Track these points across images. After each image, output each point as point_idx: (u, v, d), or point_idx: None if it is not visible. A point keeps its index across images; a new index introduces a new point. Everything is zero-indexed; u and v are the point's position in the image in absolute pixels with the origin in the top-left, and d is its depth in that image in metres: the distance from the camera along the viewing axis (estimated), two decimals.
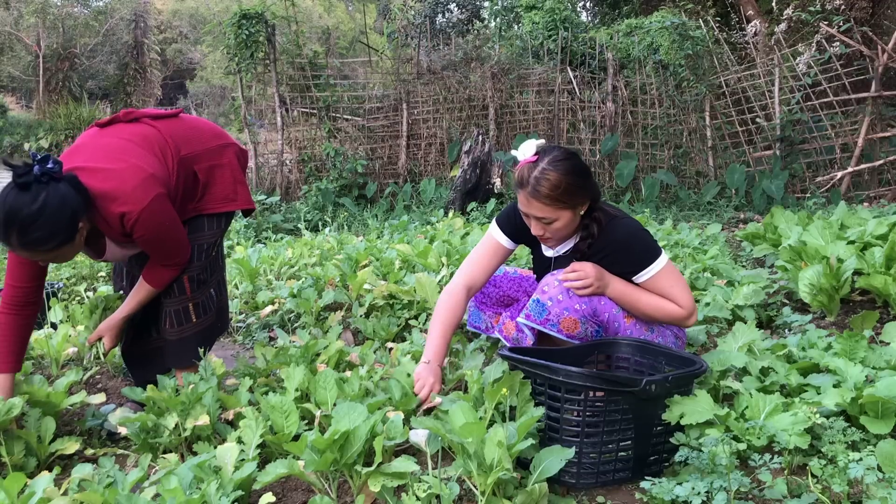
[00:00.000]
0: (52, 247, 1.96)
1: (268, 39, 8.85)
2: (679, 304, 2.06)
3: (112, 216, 2.04)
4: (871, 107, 7.39)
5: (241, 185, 2.44)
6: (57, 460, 2.10)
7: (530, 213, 2.05)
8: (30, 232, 1.89)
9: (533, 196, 2.00)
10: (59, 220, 1.92)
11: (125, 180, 2.04)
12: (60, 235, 1.94)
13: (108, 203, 2.03)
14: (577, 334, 2.05)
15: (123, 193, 2.03)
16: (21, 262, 2.11)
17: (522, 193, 2.04)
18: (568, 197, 2.00)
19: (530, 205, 2.03)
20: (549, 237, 2.10)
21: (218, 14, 23.49)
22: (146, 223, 2.07)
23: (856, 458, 1.49)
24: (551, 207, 2.01)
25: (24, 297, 2.14)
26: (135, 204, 2.04)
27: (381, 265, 3.89)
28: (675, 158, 8.69)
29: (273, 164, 9.21)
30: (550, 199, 1.99)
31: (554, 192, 1.98)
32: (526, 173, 2.02)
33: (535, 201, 2.01)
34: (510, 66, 9.06)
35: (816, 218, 4.31)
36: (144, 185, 2.06)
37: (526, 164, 2.04)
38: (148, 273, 2.27)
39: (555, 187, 1.98)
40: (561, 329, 2.04)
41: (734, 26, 10.75)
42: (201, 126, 2.43)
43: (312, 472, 1.68)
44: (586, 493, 1.71)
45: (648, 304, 2.06)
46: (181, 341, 2.38)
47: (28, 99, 25.18)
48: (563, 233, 2.09)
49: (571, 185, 2.00)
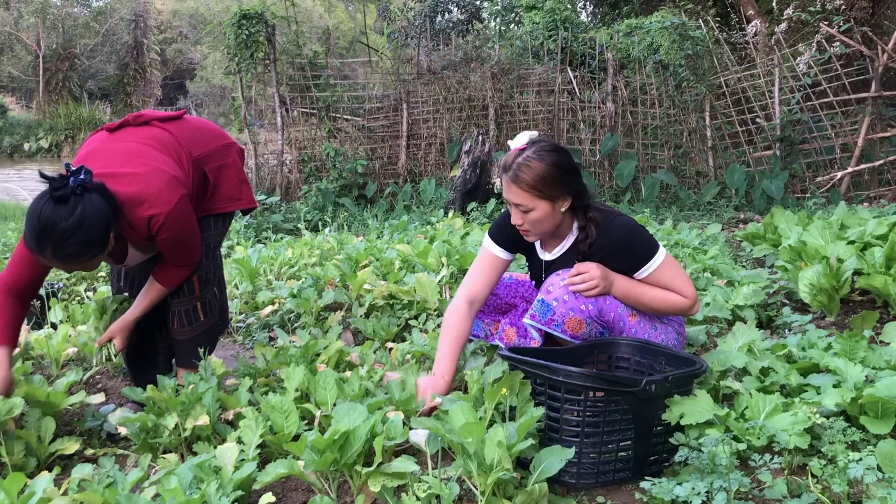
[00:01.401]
0: (86, 260, 1.96)
1: (268, 39, 8.84)
2: (683, 294, 2.07)
3: (140, 220, 2.05)
4: (871, 107, 7.39)
5: (245, 185, 2.48)
6: (57, 460, 2.10)
7: (509, 199, 2.07)
8: (66, 246, 1.89)
9: (513, 181, 2.04)
10: (95, 232, 1.92)
11: (150, 183, 2.05)
12: (96, 248, 1.95)
13: (136, 207, 2.03)
14: (581, 335, 2.04)
15: (151, 196, 2.04)
16: (27, 263, 2.10)
17: (505, 178, 2.08)
18: (546, 188, 2.02)
19: (509, 189, 2.06)
20: (527, 228, 2.10)
21: (218, 14, 23.48)
22: (172, 225, 2.09)
23: (856, 458, 1.49)
24: (528, 195, 2.02)
25: (21, 290, 2.16)
26: (162, 206, 2.05)
27: (381, 265, 3.89)
28: (675, 158, 8.69)
29: (273, 164, 9.20)
30: (528, 187, 2.01)
31: (533, 181, 2.01)
32: (511, 159, 2.07)
33: (514, 186, 2.04)
34: (510, 67, 9.05)
35: (816, 218, 4.31)
36: (169, 186, 2.08)
37: (514, 152, 2.09)
38: (161, 273, 2.27)
39: (535, 175, 2.01)
40: (565, 329, 2.04)
41: (734, 26, 10.75)
42: (205, 127, 2.46)
43: (312, 472, 1.68)
44: (586, 493, 1.71)
45: (653, 297, 2.07)
46: (191, 340, 2.39)
47: (28, 99, 25.19)
48: (541, 226, 2.09)
49: (552, 177, 2.02)
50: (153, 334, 2.48)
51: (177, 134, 2.27)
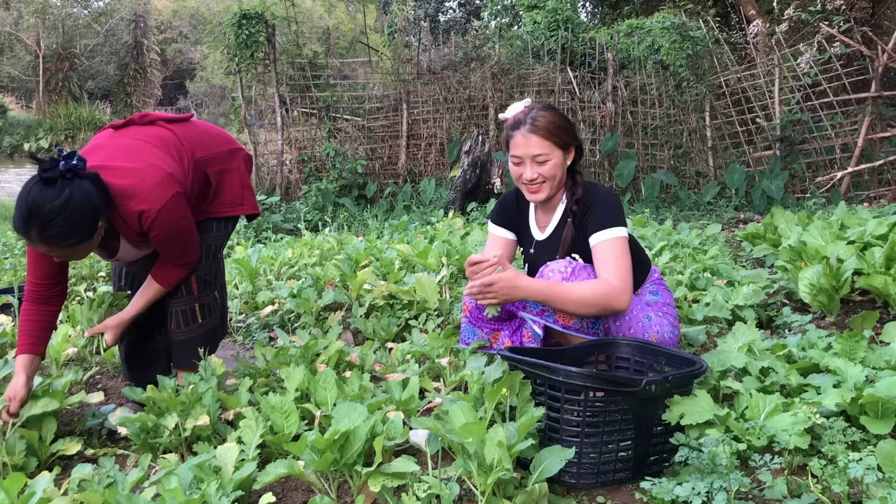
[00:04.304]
0: (71, 243, 1.96)
1: (268, 39, 8.85)
2: (611, 280, 2.01)
3: (131, 214, 2.06)
4: (871, 107, 7.39)
5: (248, 191, 2.48)
6: (57, 460, 2.11)
7: (527, 151, 2.15)
8: (50, 227, 1.90)
9: (531, 131, 2.14)
10: (81, 216, 1.93)
11: (144, 178, 2.06)
12: (81, 232, 1.95)
13: (127, 201, 2.04)
14: (572, 325, 2.07)
15: (143, 191, 2.05)
16: (39, 259, 2.13)
17: (520, 133, 2.16)
18: (561, 134, 2.15)
19: (528, 141, 2.14)
20: (542, 181, 2.17)
21: (218, 14, 23.49)
22: (163, 222, 2.09)
23: (856, 458, 1.49)
24: (549, 142, 2.13)
25: (45, 292, 2.17)
26: (154, 202, 2.05)
27: (381, 265, 3.89)
28: (675, 158, 8.69)
29: (273, 164, 9.21)
30: (548, 133, 2.13)
31: (551, 127, 2.14)
32: (522, 115, 2.19)
33: (534, 136, 2.13)
34: (510, 67, 9.06)
35: (816, 218, 4.31)
36: (163, 183, 2.08)
37: (520, 112, 2.21)
38: (158, 272, 2.28)
39: (551, 122, 2.15)
40: (557, 320, 2.07)
41: (734, 26, 10.74)
42: (212, 131, 2.47)
43: (312, 472, 1.68)
44: (586, 493, 1.71)
45: (580, 292, 1.99)
46: (188, 342, 2.39)
47: (28, 99, 25.19)
48: (553, 179, 2.17)
49: (564, 125, 2.18)
50: (153, 335, 2.49)
51: (180, 134, 2.29)
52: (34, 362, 2.13)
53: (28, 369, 2.09)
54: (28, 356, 2.11)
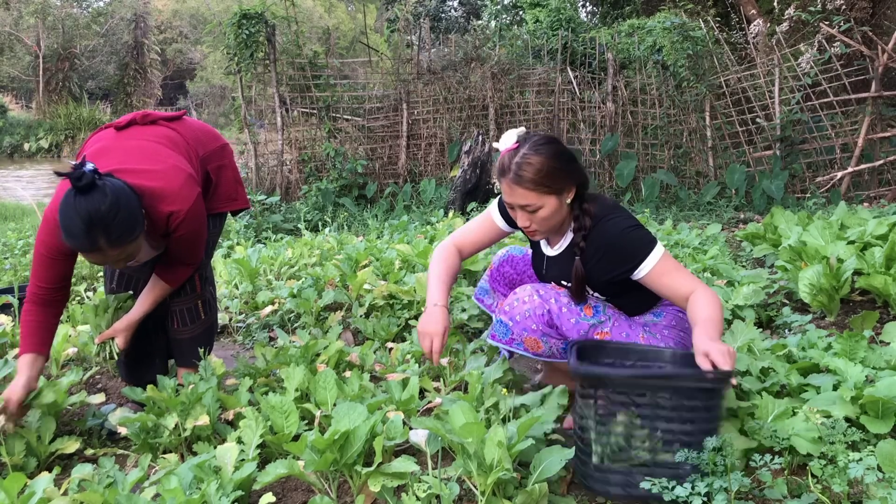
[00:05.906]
0: (135, 237, 1.94)
1: (268, 39, 8.84)
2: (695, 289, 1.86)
3: (159, 215, 2.04)
4: (871, 107, 7.39)
5: (239, 185, 2.50)
6: (57, 460, 2.11)
7: (514, 201, 1.94)
8: (114, 229, 1.87)
9: (515, 182, 1.90)
10: (134, 207, 1.91)
11: (171, 180, 2.06)
12: (139, 223, 1.94)
13: (157, 202, 2.03)
14: (542, 352, 2.00)
15: (172, 192, 2.04)
16: (49, 264, 2.09)
17: (505, 182, 1.93)
18: (552, 181, 1.90)
19: (514, 192, 1.92)
20: (535, 228, 1.98)
21: (218, 14, 23.49)
22: (190, 222, 2.09)
23: (856, 458, 1.48)
24: (535, 193, 1.90)
25: (50, 296, 2.14)
26: (183, 203, 2.05)
27: (381, 265, 3.89)
28: (675, 158, 8.69)
29: (273, 164, 9.20)
30: (534, 184, 1.89)
31: (537, 177, 1.88)
32: (507, 161, 1.93)
33: (519, 188, 1.90)
34: (510, 67, 9.05)
35: (816, 218, 4.31)
36: (188, 184, 2.09)
37: (507, 152, 1.95)
38: (165, 272, 2.27)
39: (537, 171, 1.88)
40: (527, 348, 2.00)
41: (734, 26, 10.74)
42: (203, 128, 2.48)
43: (312, 472, 1.68)
44: (587, 493, 1.71)
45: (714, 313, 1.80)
46: (192, 340, 2.40)
47: (28, 99, 25.19)
48: (550, 223, 1.97)
49: (555, 169, 1.90)
50: (149, 336, 2.47)
51: (184, 133, 2.29)
52: (37, 362, 2.10)
53: (31, 369, 2.07)
54: (31, 355, 2.09)
